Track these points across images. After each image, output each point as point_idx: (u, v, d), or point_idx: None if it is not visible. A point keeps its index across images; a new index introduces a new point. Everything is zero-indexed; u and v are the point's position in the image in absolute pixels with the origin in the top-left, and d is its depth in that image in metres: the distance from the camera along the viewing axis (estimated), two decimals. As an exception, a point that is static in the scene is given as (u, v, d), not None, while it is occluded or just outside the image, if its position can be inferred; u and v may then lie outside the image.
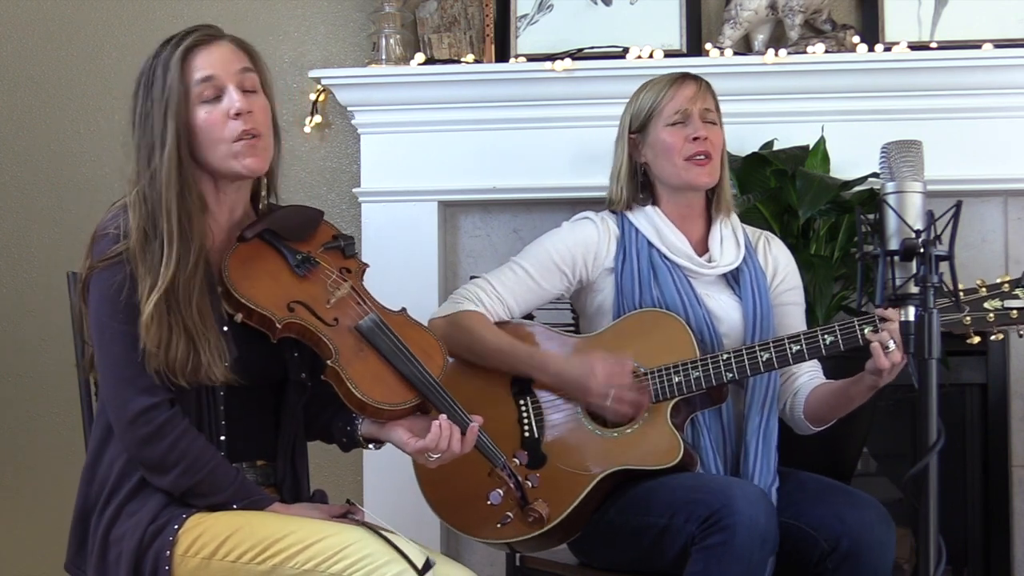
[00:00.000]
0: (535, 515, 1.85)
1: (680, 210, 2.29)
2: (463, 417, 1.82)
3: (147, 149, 1.78)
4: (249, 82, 1.82)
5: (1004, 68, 2.76)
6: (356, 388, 1.76)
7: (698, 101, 2.24)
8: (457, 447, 1.80)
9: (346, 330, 1.82)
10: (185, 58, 1.79)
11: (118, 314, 1.72)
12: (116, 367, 1.73)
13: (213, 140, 1.78)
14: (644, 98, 2.29)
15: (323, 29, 3.13)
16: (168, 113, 1.76)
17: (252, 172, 1.82)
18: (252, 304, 1.77)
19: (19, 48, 3.22)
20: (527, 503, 1.86)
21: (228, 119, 1.78)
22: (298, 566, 1.64)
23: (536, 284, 2.27)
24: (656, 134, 2.25)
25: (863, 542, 2.00)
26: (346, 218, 3.08)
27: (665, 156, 2.24)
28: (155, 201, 1.75)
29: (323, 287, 1.85)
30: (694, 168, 2.22)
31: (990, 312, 1.96)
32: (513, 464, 1.86)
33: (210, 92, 1.78)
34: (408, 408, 1.82)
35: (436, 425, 1.78)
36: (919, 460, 1.63)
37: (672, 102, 2.24)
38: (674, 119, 2.23)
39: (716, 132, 2.25)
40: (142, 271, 1.73)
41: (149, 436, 1.71)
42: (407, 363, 1.81)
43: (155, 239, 1.74)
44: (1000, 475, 2.88)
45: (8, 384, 3.22)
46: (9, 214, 3.23)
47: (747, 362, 2.10)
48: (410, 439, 1.80)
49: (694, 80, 2.28)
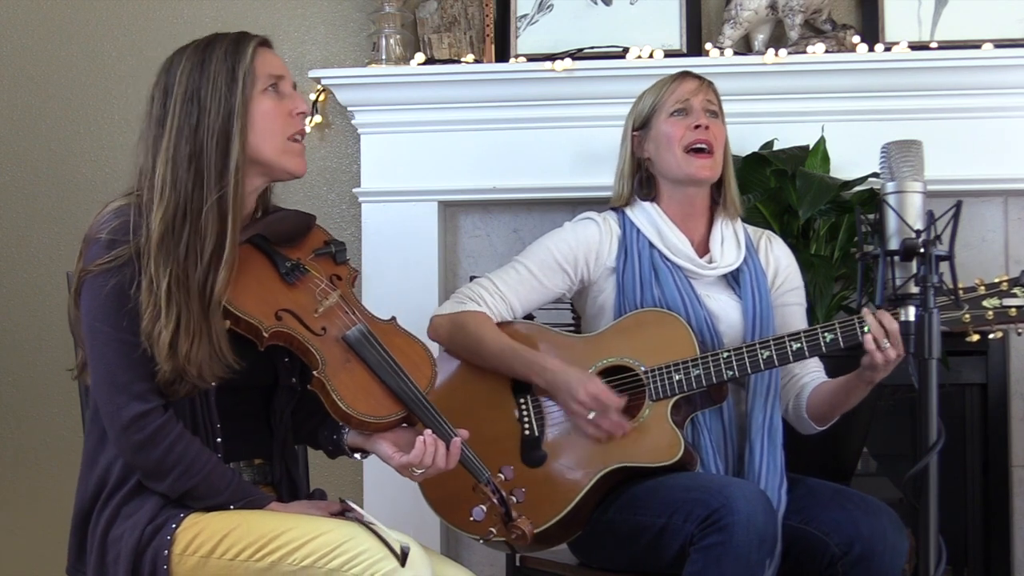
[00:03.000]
0: (518, 532, 1.81)
1: (682, 208, 2.29)
2: (448, 431, 1.80)
3: (190, 131, 1.74)
4: (301, 96, 1.89)
5: (1004, 68, 2.76)
6: (341, 400, 1.74)
7: (700, 94, 2.26)
8: (442, 463, 1.78)
9: (333, 340, 1.80)
10: (258, 50, 1.81)
11: (110, 319, 1.70)
12: (109, 373, 1.71)
13: (271, 131, 1.80)
14: (647, 96, 2.32)
15: (323, 29, 3.14)
16: (234, 93, 1.75)
17: (295, 173, 1.85)
18: (239, 312, 1.75)
19: (19, 48, 3.23)
20: (511, 520, 1.82)
21: (290, 116, 1.82)
22: (295, 563, 1.64)
23: (539, 283, 2.28)
24: (658, 127, 2.26)
25: (876, 548, 2.00)
26: (346, 218, 3.08)
27: (666, 146, 2.24)
28: (201, 183, 1.72)
29: (312, 296, 1.83)
30: (695, 160, 2.22)
31: (989, 310, 1.96)
32: (498, 480, 1.84)
33: (276, 86, 1.82)
34: (393, 421, 1.81)
35: (420, 441, 1.77)
36: (919, 460, 1.63)
37: (673, 95, 2.26)
38: (675, 108, 2.25)
39: (718, 125, 2.26)
40: (157, 263, 1.69)
41: (143, 442, 1.70)
42: (394, 376, 1.80)
43: (185, 227, 1.71)
44: (1000, 475, 2.88)
45: (8, 384, 3.22)
46: (9, 214, 3.23)
47: (747, 360, 2.10)
48: (395, 453, 1.79)
49: (696, 77, 2.30)
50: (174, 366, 1.68)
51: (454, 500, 2.16)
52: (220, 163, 1.74)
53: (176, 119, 1.75)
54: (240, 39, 1.81)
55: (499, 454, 2.10)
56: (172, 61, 1.80)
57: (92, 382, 1.76)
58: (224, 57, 1.78)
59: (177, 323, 1.68)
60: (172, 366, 1.68)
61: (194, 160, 1.73)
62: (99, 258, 1.71)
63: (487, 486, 1.82)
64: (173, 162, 1.73)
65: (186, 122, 1.75)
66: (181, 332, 1.68)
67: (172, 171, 1.73)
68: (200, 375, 1.70)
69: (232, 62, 1.77)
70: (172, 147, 1.74)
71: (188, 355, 1.68)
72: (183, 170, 1.73)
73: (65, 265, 2.15)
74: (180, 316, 1.68)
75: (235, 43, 1.80)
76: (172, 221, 1.71)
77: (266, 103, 1.80)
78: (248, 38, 1.82)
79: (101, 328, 1.71)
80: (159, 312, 1.68)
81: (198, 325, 1.69)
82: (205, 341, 1.70)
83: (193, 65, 1.78)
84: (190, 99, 1.75)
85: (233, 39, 1.81)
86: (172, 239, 1.71)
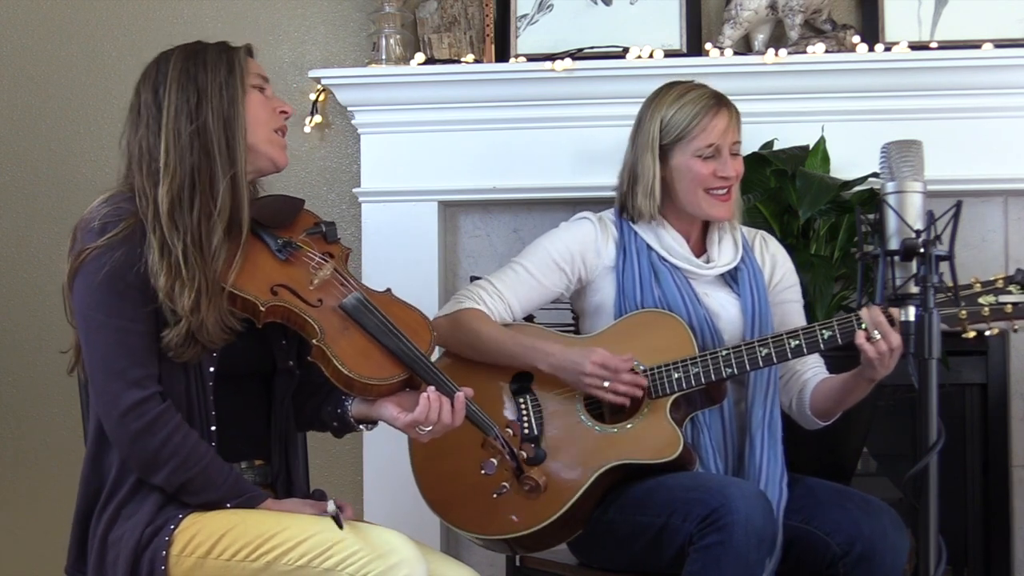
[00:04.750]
0: (531, 483, 1.81)
1: (680, 215, 2.30)
2: (451, 387, 1.81)
3: (190, 111, 1.79)
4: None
5: (1004, 68, 2.76)
6: (343, 365, 1.75)
7: (728, 134, 2.23)
8: (448, 418, 1.79)
9: (330, 310, 1.81)
10: (249, 53, 1.90)
11: (104, 306, 1.72)
12: (106, 359, 1.72)
13: (259, 120, 1.85)
14: (677, 116, 2.23)
15: (323, 29, 3.13)
16: (233, 81, 1.81)
17: (279, 163, 1.89)
18: (236, 291, 1.77)
19: (19, 48, 3.23)
20: (523, 472, 1.82)
21: (275, 113, 1.89)
22: (291, 563, 1.64)
23: (537, 282, 2.28)
24: (684, 160, 2.23)
25: (877, 547, 2.00)
26: (346, 218, 3.08)
27: (689, 183, 2.23)
28: (209, 159, 1.78)
29: (306, 269, 1.85)
30: (715, 203, 2.23)
31: (985, 307, 1.96)
32: (506, 434, 1.84)
33: (262, 87, 1.88)
34: (396, 383, 1.81)
35: (424, 397, 1.77)
36: (919, 460, 1.64)
37: (705, 134, 2.21)
38: (705, 152, 2.22)
39: (739, 163, 2.27)
40: (170, 230, 1.73)
41: (141, 431, 1.70)
42: (393, 338, 1.81)
43: (195, 198, 1.76)
44: (1000, 475, 2.88)
45: (8, 384, 3.22)
46: (9, 214, 3.23)
47: (746, 358, 2.10)
48: (400, 413, 1.79)
49: (727, 109, 2.24)
50: (190, 325, 1.71)
51: (453, 501, 2.16)
52: (230, 143, 1.79)
53: (173, 103, 1.80)
54: (231, 47, 1.88)
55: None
56: (159, 61, 1.85)
57: (88, 371, 1.77)
58: (218, 53, 1.84)
59: (198, 285, 1.71)
60: (188, 325, 1.71)
61: (198, 137, 1.78)
62: (94, 241, 1.73)
63: (496, 440, 1.82)
64: (176, 139, 1.78)
65: (184, 104, 1.79)
66: (203, 293, 1.72)
67: (176, 147, 1.78)
68: (210, 337, 1.73)
69: (228, 57, 1.84)
70: (172, 126, 1.79)
71: (206, 315, 1.71)
72: (186, 146, 1.78)
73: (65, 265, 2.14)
74: (198, 278, 1.72)
75: (225, 44, 1.87)
76: (180, 192, 1.76)
77: (256, 96, 1.85)
78: (233, 47, 1.88)
79: (95, 316, 1.73)
80: (179, 272, 1.71)
81: (213, 289, 1.73)
82: (216, 306, 1.73)
83: (187, 57, 1.83)
84: (187, 85, 1.80)
85: (221, 43, 1.88)
86: (181, 209, 1.75)
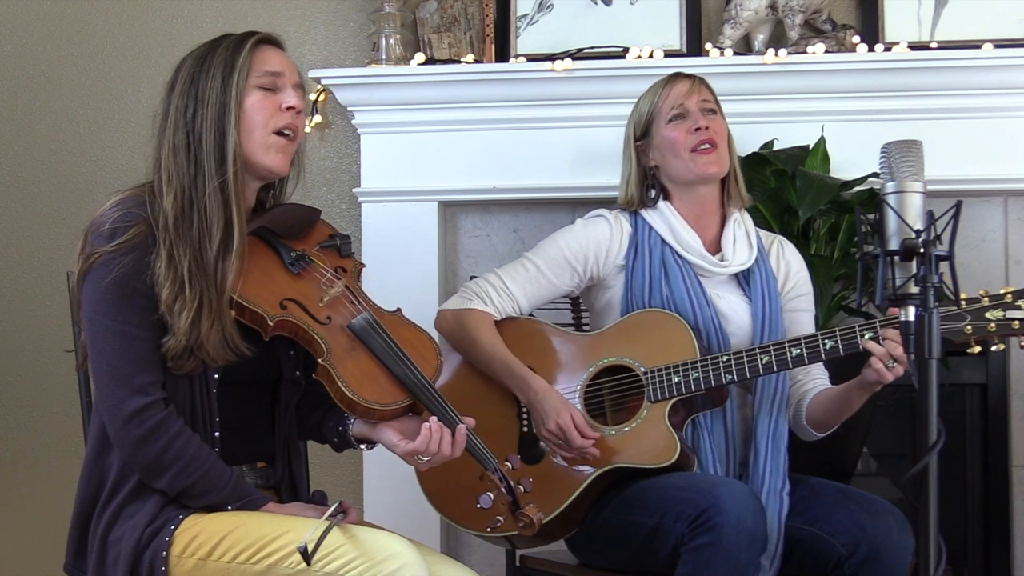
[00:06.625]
0: (525, 520, 1.80)
1: (693, 208, 2.29)
2: (454, 418, 1.80)
3: (187, 122, 1.78)
4: (300, 95, 1.86)
5: (1004, 68, 2.76)
6: (346, 387, 1.75)
7: (693, 95, 2.26)
8: (448, 450, 1.78)
9: (338, 329, 1.80)
10: (257, 47, 1.83)
11: (111, 312, 1.71)
12: (110, 364, 1.71)
13: (255, 124, 1.80)
14: (642, 104, 2.33)
15: (323, 29, 3.14)
16: (229, 87, 1.78)
17: (274, 170, 1.84)
18: (244, 301, 1.75)
19: (19, 48, 3.22)
20: (518, 507, 1.81)
21: (278, 111, 1.82)
22: (292, 565, 1.64)
23: (547, 280, 2.28)
24: (660, 134, 2.27)
25: (882, 548, 2.00)
26: (346, 218, 3.08)
27: (672, 152, 2.25)
28: (201, 171, 1.76)
29: (316, 285, 1.84)
30: (701, 158, 2.23)
31: (991, 322, 1.95)
32: (505, 468, 1.83)
33: (270, 83, 1.82)
34: (399, 409, 1.80)
35: (426, 427, 1.76)
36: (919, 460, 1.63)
37: (667, 100, 2.27)
38: (672, 114, 2.25)
39: (717, 121, 2.27)
40: (176, 243, 1.72)
41: (143, 437, 1.70)
42: (399, 363, 1.80)
43: (193, 213, 1.74)
44: (1000, 475, 2.88)
45: (8, 384, 3.22)
46: (9, 214, 3.23)
47: (747, 365, 2.10)
48: (400, 441, 1.79)
49: (686, 77, 2.30)
50: (188, 342, 1.70)
51: (453, 493, 2.16)
52: (218, 153, 1.76)
53: (174, 111, 1.80)
54: (245, 36, 1.84)
55: (498, 450, 2.10)
56: (179, 64, 1.84)
57: (92, 375, 1.77)
58: (224, 53, 1.81)
59: (199, 302, 1.70)
60: (186, 341, 1.70)
61: (192, 149, 1.77)
62: (103, 246, 1.72)
63: (494, 474, 1.81)
64: (173, 152, 1.78)
65: (182, 114, 1.79)
66: (203, 311, 1.70)
67: (173, 160, 1.77)
68: (211, 356, 1.72)
69: (231, 57, 1.81)
70: (171, 137, 1.79)
71: (205, 335, 1.70)
72: (182, 159, 1.77)
73: (65, 265, 2.14)
74: (201, 296, 1.71)
75: (239, 39, 1.83)
76: (180, 207, 1.75)
77: (253, 97, 1.81)
78: (251, 35, 1.84)
79: (102, 321, 1.72)
80: (183, 287, 1.70)
81: (216, 308, 1.71)
82: (219, 326, 1.71)
83: (195, 60, 1.82)
84: (188, 92, 1.79)
85: (239, 36, 1.84)
86: (184, 223, 1.74)
